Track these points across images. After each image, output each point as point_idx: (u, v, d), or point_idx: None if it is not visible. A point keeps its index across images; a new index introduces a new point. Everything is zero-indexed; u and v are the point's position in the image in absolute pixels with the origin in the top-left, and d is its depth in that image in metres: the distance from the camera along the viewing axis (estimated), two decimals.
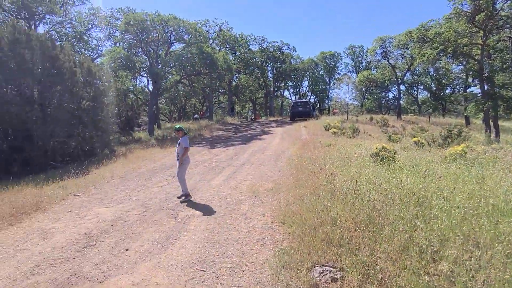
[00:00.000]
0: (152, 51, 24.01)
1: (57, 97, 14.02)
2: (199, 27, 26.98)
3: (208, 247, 4.80)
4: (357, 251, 4.02)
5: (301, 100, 33.75)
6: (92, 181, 10.01)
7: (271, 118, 39.49)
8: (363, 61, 53.55)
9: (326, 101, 55.82)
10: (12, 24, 13.76)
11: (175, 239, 5.16)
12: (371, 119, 28.21)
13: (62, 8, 23.99)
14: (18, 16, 21.97)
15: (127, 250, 4.83)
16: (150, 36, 23.28)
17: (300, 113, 29.09)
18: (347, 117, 30.44)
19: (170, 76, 26.05)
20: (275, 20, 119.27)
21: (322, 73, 52.75)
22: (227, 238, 5.10)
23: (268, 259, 4.33)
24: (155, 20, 22.70)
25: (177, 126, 7.84)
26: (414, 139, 13.67)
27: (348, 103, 40.80)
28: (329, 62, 51.56)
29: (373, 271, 3.67)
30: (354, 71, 53.46)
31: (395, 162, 9.00)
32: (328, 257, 4.12)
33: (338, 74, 53.69)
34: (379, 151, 9.62)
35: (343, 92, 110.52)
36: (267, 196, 7.23)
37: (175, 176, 7.97)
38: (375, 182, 6.55)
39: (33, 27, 23.18)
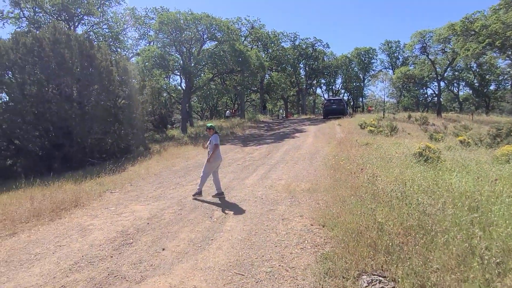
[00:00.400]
0: (185, 49, 24.25)
1: (94, 96, 14.41)
2: (231, 25, 26.95)
3: (246, 249, 4.61)
4: (409, 260, 3.67)
5: (334, 98, 33.01)
6: (128, 178, 10.14)
7: (303, 116, 38.96)
8: (399, 56, 51.62)
9: (360, 99, 54.37)
10: (53, 25, 14.27)
11: (211, 239, 5.01)
12: (409, 117, 27.04)
13: (99, 9, 24.74)
14: (59, 18, 22.89)
15: (163, 249, 4.73)
16: (183, 35, 23.52)
17: (334, 111, 28.45)
18: (384, 115, 29.38)
19: (202, 74, 26.26)
20: (308, 16, 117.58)
21: (356, 70, 51.40)
22: (265, 240, 4.88)
23: (310, 265, 4.06)
24: (188, 18, 22.88)
25: (209, 124, 7.82)
26: (459, 138, 12.85)
27: (384, 101, 39.36)
28: (363, 59, 50.14)
29: (429, 283, 3.32)
30: (390, 67, 51.65)
31: (441, 162, 8.44)
32: (376, 265, 3.81)
33: (373, 70, 52.18)
34: (423, 150, 9.07)
35: (378, 89, 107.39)
36: (304, 197, 6.95)
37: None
38: (422, 184, 6.11)
39: (72, 28, 24.09)
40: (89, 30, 26.81)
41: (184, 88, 26.42)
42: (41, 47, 13.65)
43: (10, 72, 13.70)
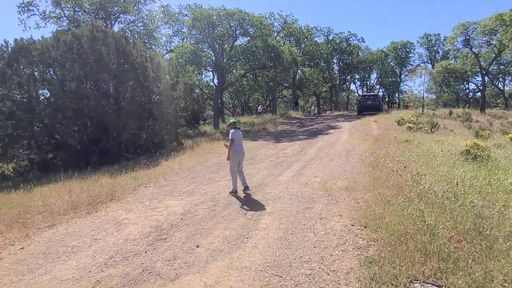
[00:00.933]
0: (217, 45, 24.28)
1: (129, 91, 14.66)
2: (264, 20, 26.68)
3: (283, 249, 4.38)
4: (468, 269, 3.29)
5: (370, 93, 31.90)
6: (162, 173, 10.19)
7: (336, 113, 38.09)
8: (439, 50, 49.25)
9: (396, 95, 52.42)
10: (91, 23, 14.63)
11: (247, 237, 4.82)
12: (450, 113, 25.67)
13: (135, 7, 25.26)
14: (96, 17, 23.60)
15: (197, 246, 4.60)
16: (216, 31, 23.57)
17: (369, 107, 27.49)
18: (423, 111, 28.09)
19: (234, 70, 26.20)
20: (343, 9, 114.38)
21: (392, 65, 49.55)
22: (303, 240, 4.62)
23: (353, 269, 3.77)
24: (221, 14, 22.85)
25: (231, 120, 7.72)
26: (509, 135, 11.92)
27: (423, 96, 37.65)
28: (400, 53, 48.21)
29: None
30: (429, 61, 49.36)
31: (492, 161, 7.80)
32: (428, 272, 3.45)
33: (410, 65, 50.06)
34: (470, 148, 8.43)
35: (417, 84, 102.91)
36: (342, 195, 6.61)
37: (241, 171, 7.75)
38: (473, 184, 5.61)
39: (109, 26, 24.75)
40: (125, 27, 27.48)
41: (216, 84, 26.49)
42: (80, 44, 14.06)
43: (51, 69, 14.21)
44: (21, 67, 13.83)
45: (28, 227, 5.91)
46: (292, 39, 36.24)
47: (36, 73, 14.03)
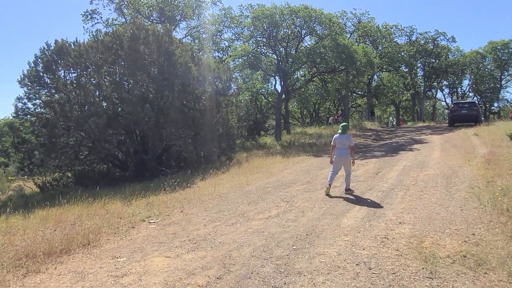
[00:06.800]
0: (280, 47, 21.73)
1: (171, 97, 12.70)
2: (334, 19, 23.46)
3: None
4: None
5: (465, 101, 26.49)
6: (185, 199, 7.75)
7: (420, 124, 32.78)
8: None
9: (496, 103, 44.48)
10: (133, 21, 13.11)
11: None
12: None
13: (196, 12, 24.02)
14: (157, 22, 22.72)
15: None
16: (279, 33, 21.10)
17: (464, 117, 22.41)
18: None
19: (299, 75, 23.44)
20: (427, 4, 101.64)
21: (491, 68, 42.04)
22: None
23: None
24: (285, 12, 20.30)
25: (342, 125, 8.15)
26: None
27: None
28: (500, 54, 40.63)
29: None
30: None
31: None
32: None
33: None
34: None
35: None
36: (458, 276, 3.39)
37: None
38: None
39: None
40: (187, 34, 26.50)
41: (279, 90, 23.91)
42: (120, 45, 12.57)
43: (90, 71, 12.94)
44: (60, 69, 12.79)
45: None
46: (367, 40, 32.15)
47: (74, 75, 12.87)
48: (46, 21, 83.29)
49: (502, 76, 42.66)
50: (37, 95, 12.71)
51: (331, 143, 7.87)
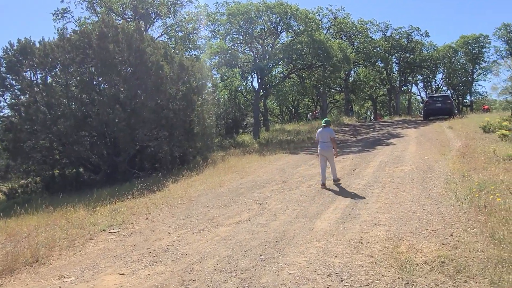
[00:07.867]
0: (257, 44, 21.39)
1: (143, 96, 12.18)
2: (310, 14, 23.28)
3: None
4: None
5: (439, 95, 26.88)
6: (154, 204, 7.38)
7: (396, 118, 33.18)
8: None
9: (468, 96, 45.47)
10: (101, 19, 12.50)
11: None
12: None
13: (171, 10, 23.35)
14: (131, 21, 21.97)
15: None
16: (255, 29, 20.76)
17: (439, 110, 22.77)
18: None
19: (276, 71, 23.14)
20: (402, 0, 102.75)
21: (463, 62, 42.96)
22: None
23: None
24: (260, 8, 19.98)
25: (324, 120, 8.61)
26: None
27: None
28: (472, 48, 41.56)
29: None
30: (511, 56, 41.96)
31: None
32: None
33: (485, 62, 43.00)
34: None
35: (491, 83, 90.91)
36: (437, 285, 3.21)
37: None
38: None
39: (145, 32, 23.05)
40: (163, 32, 25.75)
41: (256, 88, 23.58)
42: (89, 43, 11.95)
43: (57, 70, 12.28)
44: (26, 70, 12.06)
45: None
46: (343, 36, 32.19)
47: (40, 76, 12.18)
48: (14, 20, 79.64)
49: (474, 70, 43.71)
50: (0, 97, 11.99)
51: (315, 138, 8.18)
